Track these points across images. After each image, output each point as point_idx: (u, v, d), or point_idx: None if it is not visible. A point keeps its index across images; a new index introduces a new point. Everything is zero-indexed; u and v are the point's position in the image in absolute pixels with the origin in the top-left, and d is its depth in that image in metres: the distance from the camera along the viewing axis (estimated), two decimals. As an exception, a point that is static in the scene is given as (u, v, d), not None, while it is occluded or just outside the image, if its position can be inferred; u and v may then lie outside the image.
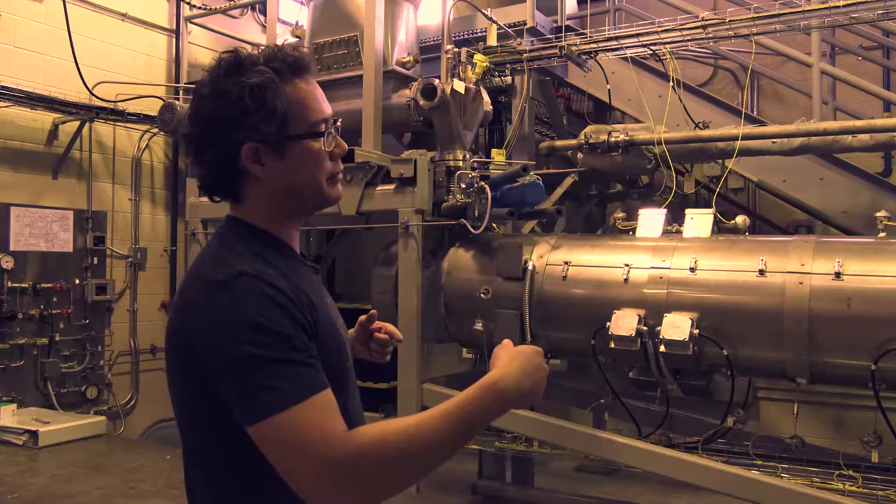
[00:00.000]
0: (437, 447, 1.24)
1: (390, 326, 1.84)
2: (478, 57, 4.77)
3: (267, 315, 1.24)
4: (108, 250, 6.05)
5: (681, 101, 4.86)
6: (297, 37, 5.47)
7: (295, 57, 1.42)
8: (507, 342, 1.41)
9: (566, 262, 4.15)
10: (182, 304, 1.34)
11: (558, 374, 5.33)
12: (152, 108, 5.88)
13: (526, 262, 4.23)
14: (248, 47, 1.45)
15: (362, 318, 1.83)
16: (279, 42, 1.45)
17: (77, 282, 5.78)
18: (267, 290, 1.27)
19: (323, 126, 1.43)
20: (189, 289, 1.35)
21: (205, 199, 1.53)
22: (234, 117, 1.36)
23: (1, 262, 5.24)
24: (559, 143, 5.29)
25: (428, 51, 5.35)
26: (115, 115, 5.83)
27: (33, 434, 4.57)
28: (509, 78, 5.19)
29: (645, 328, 3.79)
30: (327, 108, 1.45)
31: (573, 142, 5.00)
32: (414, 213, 4.47)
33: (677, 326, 3.68)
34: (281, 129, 1.38)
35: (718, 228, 4.13)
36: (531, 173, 4.43)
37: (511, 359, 1.34)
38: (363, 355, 1.84)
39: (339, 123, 1.49)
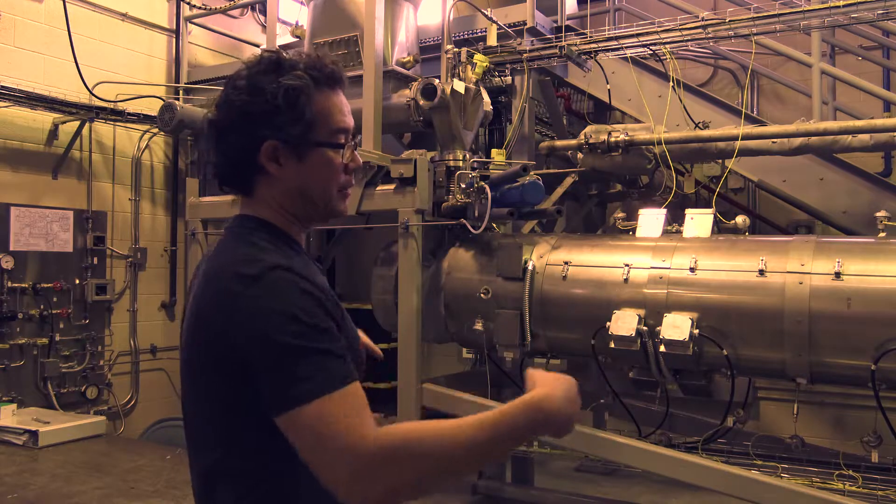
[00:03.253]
0: (469, 453, 1.24)
1: (369, 344, 1.83)
2: (478, 57, 4.77)
3: (303, 307, 1.27)
4: (108, 250, 6.04)
5: (681, 101, 4.86)
6: (297, 37, 5.47)
7: (332, 69, 1.46)
8: (539, 370, 1.40)
9: (566, 262, 4.15)
10: (214, 299, 1.34)
11: (558, 374, 5.32)
12: (152, 108, 5.87)
13: (526, 262, 4.23)
14: (288, 52, 1.49)
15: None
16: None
17: (77, 282, 5.78)
18: (301, 283, 1.30)
19: (343, 138, 1.47)
20: (219, 284, 1.35)
21: (205, 198, 1.55)
22: (263, 113, 1.40)
23: (1, 262, 5.24)
24: (559, 143, 5.29)
25: (428, 51, 5.35)
26: (115, 115, 5.83)
27: (33, 434, 4.57)
28: (509, 78, 5.18)
29: (645, 328, 3.79)
30: (350, 122, 1.49)
31: (573, 142, 5.00)
32: (414, 213, 4.47)
33: (677, 326, 3.68)
34: (305, 133, 1.42)
35: (718, 228, 4.13)
36: (531, 173, 4.43)
37: (556, 382, 1.34)
38: None
39: (359, 139, 1.52)
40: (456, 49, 4.70)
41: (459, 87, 4.53)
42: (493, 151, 4.95)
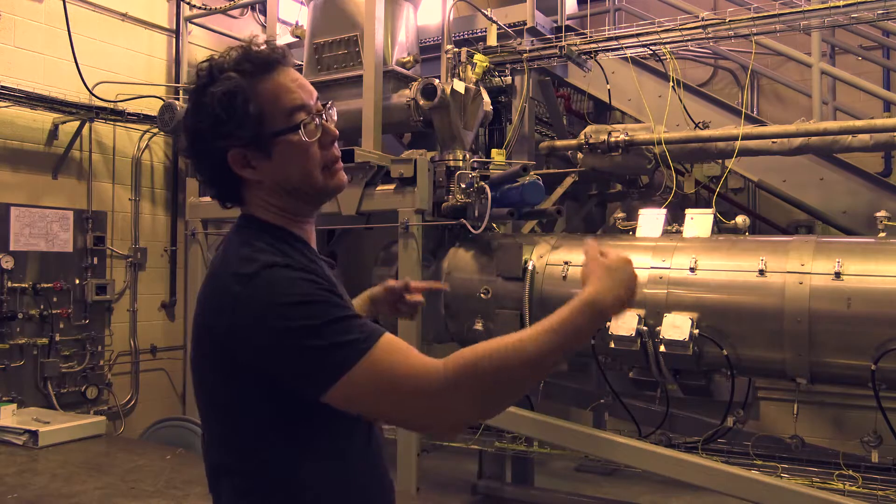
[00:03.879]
0: (537, 363, 1.26)
1: (427, 284, 2.00)
2: (478, 57, 4.77)
3: (307, 292, 1.26)
4: (108, 250, 6.04)
5: (681, 101, 4.86)
6: (297, 37, 5.47)
7: (264, 53, 1.40)
8: (592, 250, 1.44)
9: (566, 262, 4.15)
10: (214, 300, 1.34)
11: (558, 375, 5.33)
12: (152, 108, 5.87)
13: (526, 262, 4.23)
14: (232, 46, 1.44)
15: (393, 282, 1.91)
16: (262, 39, 1.43)
17: (77, 282, 5.77)
18: (299, 275, 1.29)
19: (302, 115, 1.39)
20: (218, 284, 1.35)
21: (205, 198, 1.56)
22: (209, 129, 1.37)
23: (1, 262, 5.23)
24: (559, 143, 5.29)
25: (428, 51, 5.35)
26: (115, 115, 5.82)
27: (33, 434, 4.56)
28: (509, 78, 5.19)
29: (645, 328, 3.79)
30: (304, 97, 1.41)
31: (573, 142, 5.00)
32: (414, 213, 4.47)
33: (677, 326, 3.68)
34: (258, 129, 1.37)
35: (718, 228, 4.13)
36: (531, 173, 4.43)
37: (604, 273, 1.38)
38: (386, 313, 1.92)
39: (329, 107, 1.45)
40: (456, 49, 4.70)
41: (459, 87, 4.53)
42: (493, 151, 4.95)
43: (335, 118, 1.47)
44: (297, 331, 1.23)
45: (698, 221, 4.09)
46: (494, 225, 4.68)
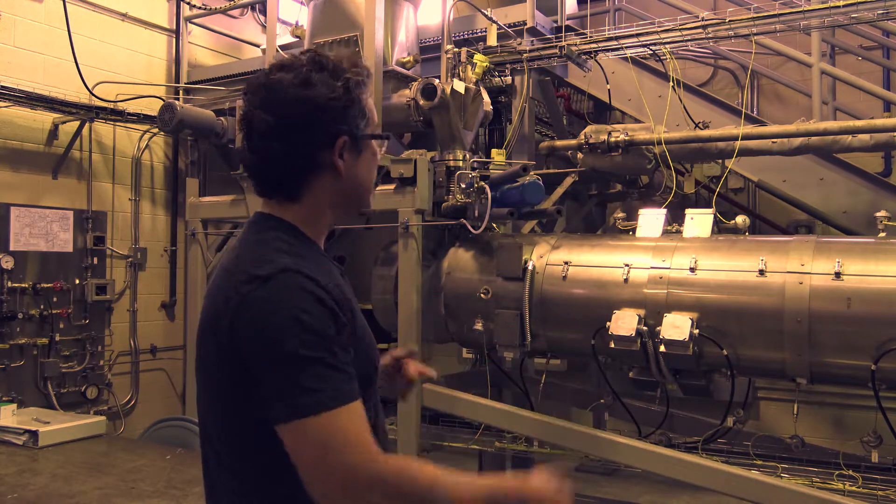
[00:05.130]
0: None
1: (423, 367, 1.85)
2: (478, 57, 4.77)
3: (311, 312, 1.26)
4: (108, 250, 6.04)
5: (681, 101, 4.86)
6: (297, 37, 5.47)
7: (367, 68, 1.52)
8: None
9: (566, 262, 4.15)
10: (223, 299, 1.34)
11: (558, 375, 5.33)
12: (152, 108, 5.88)
13: (526, 262, 4.23)
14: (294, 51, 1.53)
15: (398, 352, 1.84)
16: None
17: (77, 282, 5.78)
18: (310, 287, 1.29)
19: (378, 132, 1.54)
20: (230, 284, 1.34)
21: (205, 198, 1.55)
22: (339, 108, 1.41)
23: (1, 262, 5.23)
24: (559, 143, 5.29)
25: (428, 51, 5.35)
26: (115, 115, 5.83)
27: (33, 434, 4.56)
28: (509, 78, 5.18)
29: (645, 328, 3.79)
30: None
31: (573, 142, 5.00)
32: (414, 213, 4.47)
33: (677, 326, 3.68)
34: (366, 126, 1.48)
35: (718, 228, 4.13)
36: (531, 173, 4.43)
37: (549, 482, 1.32)
38: (384, 384, 1.81)
39: (387, 138, 1.60)
40: (456, 49, 4.70)
41: (459, 87, 4.53)
42: (493, 151, 4.95)
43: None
44: (284, 353, 1.24)
45: (698, 221, 4.09)
46: (494, 225, 4.67)
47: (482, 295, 4.33)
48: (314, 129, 1.40)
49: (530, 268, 4.21)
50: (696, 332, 3.67)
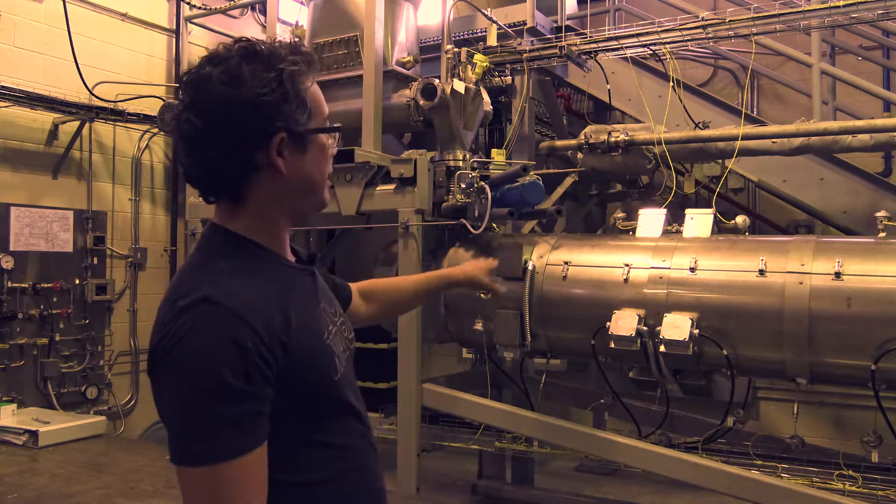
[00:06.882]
0: None
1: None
2: (478, 57, 4.77)
3: (223, 360, 1.18)
4: (108, 250, 6.04)
5: (681, 101, 4.86)
6: (298, 37, 5.47)
7: (310, 53, 1.40)
8: None
9: (566, 262, 4.15)
10: (157, 324, 1.30)
11: (558, 374, 5.33)
12: (152, 108, 5.88)
13: (526, 262, 4.23)
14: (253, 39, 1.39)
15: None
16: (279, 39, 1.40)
17: (77, 282, 5.78)
18: (226, 324, 1.20)
19: (328, 124, 1.43)
20: (162, 307, 1.30)
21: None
22: (272, 103, 1.29)
23: (1, 262, 5.23)
24: (559, 143, 5.29)
25: (428, 51, 5.35)
26: (115, 115, 5.83)
27: (33, 434, 4.57)
28: (509, 78, 5.18)
29: (645, 328, 3.79)
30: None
31: (573, 142, 5.00)
32: (414, 213, 4.47)
33: (677, 326, 3.68)
34: (308, 121, 1.36)
35: (718, 228, 4.13)
36: (531, 173, 4.43)
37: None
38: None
39: (340, 127, 1.49)
40: (456, 49, 4.70)
41: (459, 87, 4.53)
42: (493, 151, 4.95)
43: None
44: (181, 398, 1.20)
45: (698, 221, 4.09)
46: (494, 225, 4.67)
47: (482, 295, 4.33)
48: (246, 130, 1.29)
49: (530, 268, 4.21)
50: (696, 332, 3.67)
